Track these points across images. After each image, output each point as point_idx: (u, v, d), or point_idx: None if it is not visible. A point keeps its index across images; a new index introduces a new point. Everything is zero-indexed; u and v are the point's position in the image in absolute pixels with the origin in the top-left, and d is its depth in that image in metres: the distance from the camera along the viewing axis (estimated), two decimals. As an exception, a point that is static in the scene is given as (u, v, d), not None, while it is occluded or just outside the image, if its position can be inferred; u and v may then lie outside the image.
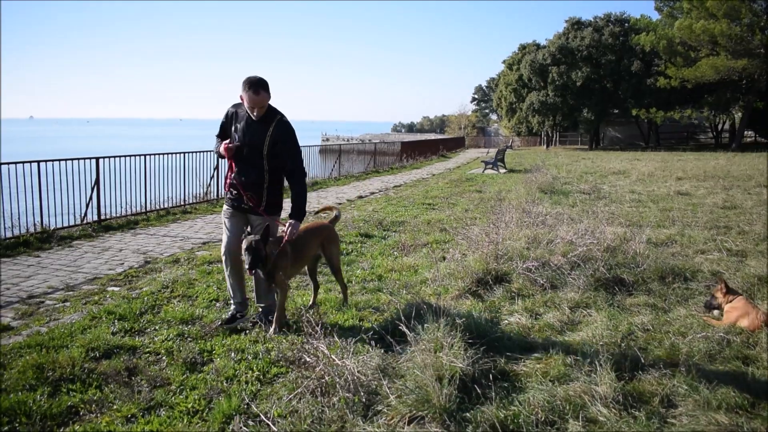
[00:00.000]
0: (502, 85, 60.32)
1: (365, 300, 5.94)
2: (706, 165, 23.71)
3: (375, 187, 18.42)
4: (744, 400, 3.61)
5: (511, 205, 11.22)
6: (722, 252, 7.71)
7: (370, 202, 14.30)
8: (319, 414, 3.54)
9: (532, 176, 17.71)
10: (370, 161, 27.13)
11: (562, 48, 50.76)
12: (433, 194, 15.77)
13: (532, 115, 54.75)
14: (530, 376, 4.01)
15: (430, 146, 39.46)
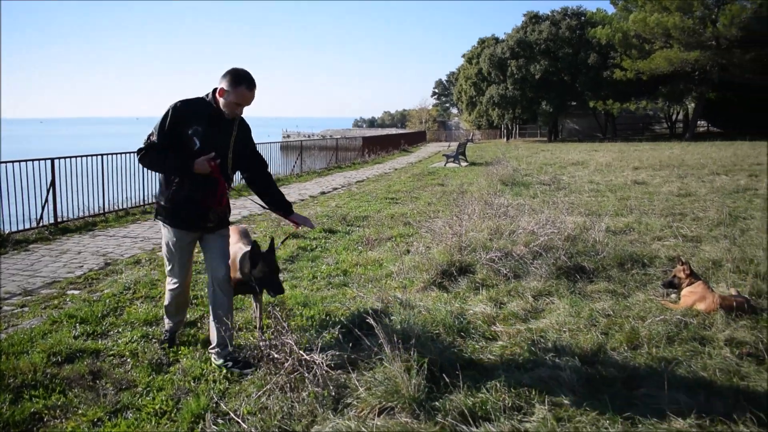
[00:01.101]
0: (462, 79, 60.70)
1: (331, 295, 5.95)
2: (661, 155, 24.25)
3: (337, 182, 18.40)
4: (702, 379, 3.73)
5: (473, 197, 11.33)
6: (678, 238, 7.92)
7: (333, 198, 14.28)
8: (289, 409, 3.54)
9: (493, 169, 17.88)
10: (332, 157, 27.07)
11: (520, 42, 51.32)
12: (396, 188, 15.83)
13: (492, 109, 55.24)
14: (497, 364, 4.07)
15: (392, 141, 39.53)
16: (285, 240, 5.87)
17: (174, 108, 4.05)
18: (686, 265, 5.44)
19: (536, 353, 4.20)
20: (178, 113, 4.03)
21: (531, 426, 3.24)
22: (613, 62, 45.84)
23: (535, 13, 54.23)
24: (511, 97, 52.38)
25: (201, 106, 4.11)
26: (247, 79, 4.05)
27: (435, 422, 3.31)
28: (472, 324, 4.86)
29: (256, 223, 10.48)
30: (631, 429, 3.17)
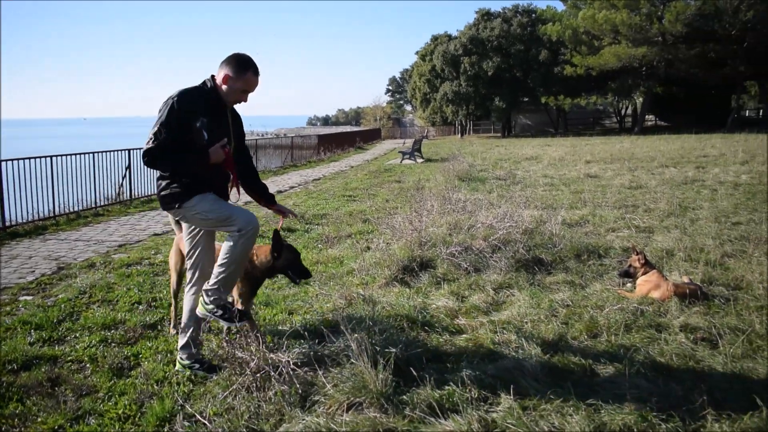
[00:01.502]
0: (416, 76, 60.99)
1: (293, 294, 5.92)
2: (612, 148, 24.81)
3: (294, 181, 18.30)
4: (659, 364, 3.84)
5: (431, 193, 11.40)
6: (631, 229, 8.12)
7: (290, 197, 14.20)
8: (256, 409, 3.52)
9: (449, 165, 18.02)
10: (287, 155, 26.89)
11: (473, 39, 51.81)
12: (353, 186, 15.83)
13: (446, 105, 55.67)
14: (461, 356, 4.12)
15: (347, 139, 39.48)
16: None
17: (178, 100, 3.73)
18: (641, 255, 5.59)
19: (499, 345, 4.26)
20: (183, 105, 3.73)
21: (497, 416, 3.28)
22: (564, 58, 46.70)
23: (487, 11, 54.82)
24: (465, 94, 52.86)
25: (203, 96, 3.86)
26: (253, 65, 3.88)
27: (403, 416, 3.33)
28: (435, 318, 4.90)
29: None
30: (595, 415, 3.24)
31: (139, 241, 9.02)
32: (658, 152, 21.16)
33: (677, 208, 9.59)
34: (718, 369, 3.77)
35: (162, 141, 3.68)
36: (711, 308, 4.97)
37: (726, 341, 4.22)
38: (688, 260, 6.45)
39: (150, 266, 7.31)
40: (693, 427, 3.15)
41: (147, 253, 7.99)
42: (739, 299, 5.19)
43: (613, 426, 3.14)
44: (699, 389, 3.48)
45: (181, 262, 4.69)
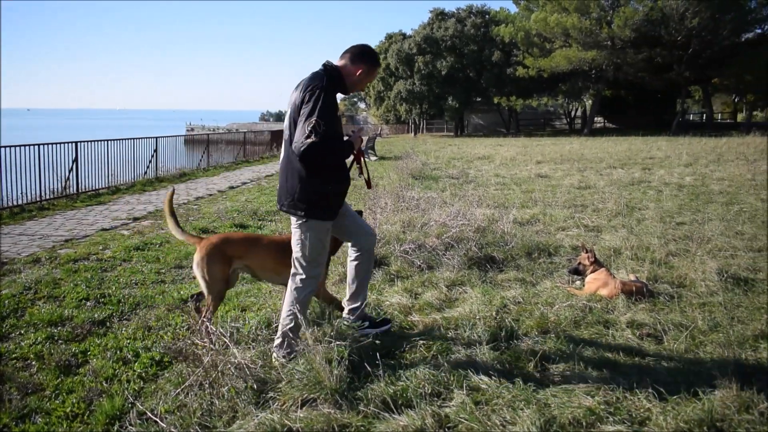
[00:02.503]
0: (370, 73, 60.94)
1: (246, 290, 5.88)
2: (562, 149, 25.28)
3: (246, 177, 18.11)
4: (607, 359, 3.95)
5: (385, 190, 11.43)
6: (580, 228, 8.30)
7: (242, 192, 14.06)
8: (209, 406, 3.48)
9: (402, 163, 18.11)
10: (239, 151, 26.58)
11: (427, 38, 52.08)
12: (307, 183, 15.71)
13: (400, 104, 55.85)
14: (415, 353, 4.15)
15: (301, 135, 39.15)
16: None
17: (326, 88, 3.71)
18: (591, 253, 5.72)
19: (452, 341, 4.31)
20: (331, 92, 3.75)
21: (450, 410, 3.32)
22: (516, 60, 47.39)
23: (442, 10, 55.18)
24: (419, 93, 53.11)
25: (334, 83, 3.84)
26: (377, 58, 4.03)
27: (358, 411, 3.34)
28: (389, 315, 4.92)
29: (164, 219, 10.16)
30: (545, 409, 3.31)
31: (86, 236, 8.80)
32: (606, 153, 21.66)
33: (624, 208, 9.84)
34: (663, 363, 3.88)
35: (323, 133, 3.57)
36: (656, 305, 5.12)
37: (670, 337, 4.36)
38: (635, 259, 6.63)
39: (98, 262, 7.15)
40: (639, 420, 3.25)
41: (95, 249, 7.81)
42: (683, 296, 5.37)
43: (563, 419, 3.21)
44: (644, 383, 3.60)
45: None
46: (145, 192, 14.27)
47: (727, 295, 5.38)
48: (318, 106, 3.60)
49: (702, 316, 4.82)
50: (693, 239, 7.41)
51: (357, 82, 3.94)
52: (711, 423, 3.15)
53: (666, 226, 8.44)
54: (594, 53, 40.57)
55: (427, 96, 53.46)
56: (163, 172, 17.67)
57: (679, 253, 6.88)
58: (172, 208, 4.58)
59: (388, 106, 58.27)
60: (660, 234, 7.72)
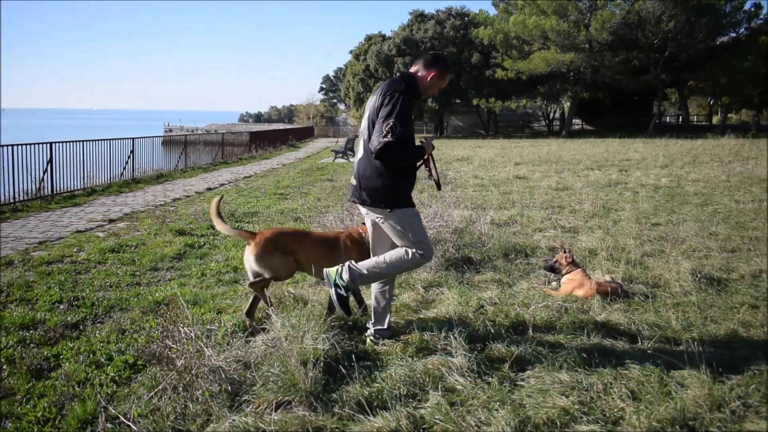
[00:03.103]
0: (350, 75, 60.88)
1: (222, 292, 5.84)
2: (540, 151, 25.44)
3: (224, 178, 18.01)
4: (582, 359, 3.97)
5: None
6: (557, 229, 8.36)
7: (220, 194, 13.94)
8: (183, 409, 3.45)
9: (381, 164, 18.05)
10: (217, 152, 26.44)
11: (406, 39, 52.14)
12: (285, 184, 15.69)
13: (380, 105, 55.74)
14: (391, 354, 4.14)
15: (280, 136, 39.10)
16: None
17: (405, 92, 3.98)
18: (569, 253, 5.75)
19: (428, 342, 4.31)
20: (409, 97, 4.01)
21: (426, 412, 3.32)
22: (495, 62, 47.58)
23: (421, 12, 55.25)
24: (398, 94, 53.07)
25: (409, 88, 4.08)
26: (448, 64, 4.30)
27: (332, 414, 3.33)
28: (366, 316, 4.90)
29: (139, 221, 10.07)
30: (520, 410, 3.32)
31: (60, 238, 8.68)
32: (584, 155, 21.83)
33: (601, 209, 9.92)
34: (637, 363, 3.91)
35: (399, 134, 3.82)
36: (631, 305, 5.16)
37: (644, 337, 4.40)
38: (611, 259, 6.69)
39: (72, 264, 7.05)
40: (613, 419, 3.27)
41: (69, 251, 7.70)
42: (657, 296, 5.42)
43: (537, 420, 3.22)
44: (618, 383, 3.63)
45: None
46: (122, 193, 14.12)
47: (701, 295, 5.45)
48: (396, 109, 3.86)
49: (676, 316, 4.87)
50: (668, 240, 7.50)
51: (429, 86, 4.19)
52: (683, 422, 3.18)
53: (641, 227, 8.52)
54: (572, 56, 40.86)
55: (407, 97, 53.46)
56: (140, 173, 17.50)
57: (654, 253, 6.96)
58: (219, 211, 4.89)
59: (368, 107, 58.18)
60: (635, 235, 7.79)
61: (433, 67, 4.15)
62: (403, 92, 3.95)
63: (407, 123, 3.92)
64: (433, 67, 4.16)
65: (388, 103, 3.89)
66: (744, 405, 3.37)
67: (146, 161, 18.66)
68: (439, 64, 4.18)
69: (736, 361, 3.97)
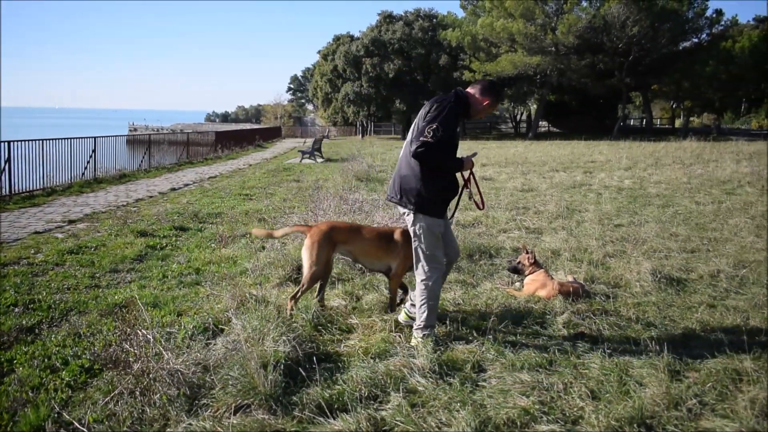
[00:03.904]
0: (318, 75, 60.73)
1: (183, 294, 5.75)
2: (507, 152, 25.63)
3: (189, 178, 17.78)
4: (543, 359, 3.99)
5: (329, 193, 11.37)
6: (522, 230, 8.41)
7: (184, 194, 13.78)
8: (140, 414, 3.37)
9: (348, 165, 18.05)
10: (182, 152, 26.11)
11: (375, 40, 52.16)
12: (251, 185, 15.56)
13: (348, 106, 55.77)
14: (353, 356, 4.12)
15: (246, 136, 38.78)
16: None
17: (455, 103, 4.23)
18: (531, 254, 5.78)
19: (391, 343, 4.29)
20: (457, 109, 4.23)
21: (387, 413, 3.30)
22: (463, 64, 47.86)
23: (390, 13, 55.34)
24: (366, 95, 53.14)
25: (461, 104, 4.31)
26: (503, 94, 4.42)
27: (292, 417, 3.30)
28: (328, 318, 4.87)
29: (100, 222, 9.88)
30: (480, 410, 3.32)
31: (17, 240, 8.47)
32: (549, 157, 22.05)
33: (565, 210, 10.03)
34: (597, 362, 3.94)
35: (440, 137, 4.03)
36: (592, 305, 5.21)
37: (605, 337, 4.44)
38: (573, 260, 6.75)
39: (29, 266, 6.87)
40: (572, 419, 3.29)
41: (26, 252, 7.52)
42: (618, 296, 5.49)
43: (498, 420, 3.22)
44: (579, 382, 3.65)
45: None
46: (83, 194, 13.84)
47: (660, 295, 5.53)
48: (441, 115, 4.10)
49: (636, 315, 4.93)
50: (629, 241, 7.61)
51: (480, 110, 4.40)
52: (641, 420, 3.22)
53: (604, 228, 8.62)
54: (539, 58, 41.28)
55: (375, 98, 53.55)
56: (102, 173, 17.18)
57: (616, 254, 7.04)
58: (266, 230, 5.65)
59: (336, 107, 58.12)
60: (598, 236, 7.89)
61: (488, 95, 4.37)
62: (451, 104, 4.20)
63: (450, 130, 4.12)
64: (489, 94, 4.37)
65: (435, 110, 4.15)
66: (700, 403, 3.43)
67: (109, 161, 18.34)
68: (495, 93, 4.40)
69: (694, 360, 4.03)
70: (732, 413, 3.29)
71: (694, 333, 4.58)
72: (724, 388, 3.59)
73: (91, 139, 17.44)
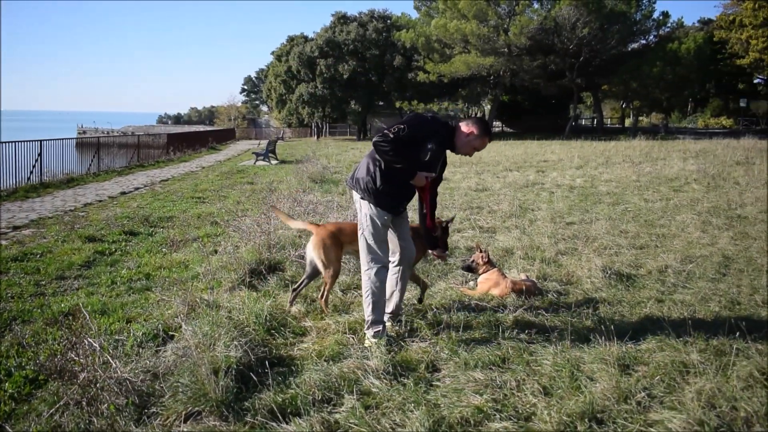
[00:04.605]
0: (272, 76, 60.24)
1: (132, 301, 5.62)
2: (461, 152, 25.74)
3: (140, 182, 17.43)
4: (497, 358, 4.01)
5: (282, 195, 11.27)
6: (476, 229, 8.46)
7: (134, 198, 13.51)
8: (87, 425, 3.28)
9: (303, 167, 17.96)
10: (133, 155, 25.59)
11: (329, 41, 51.96)
12: (203, 187, 15.33)
13: (302, 107, 55.43)
14: (306, 359, 4.08)
15: (199, 138, 38.27)
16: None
17: (430, 120, 4.40)
18: (485, 253, 5.82)
19: (345, 345, 4.26)
20: (432, 126, 4.36)
21: (341, 416, 3.28)
22: (417, 65, 48.05)
23: (344, 14, 55.22)
24: (321, 96, 52.92)
25: (444, 129, 4.42)
26: (491, 132, 4.59)
27: (244, 422, 3.25)
28: (282, 321, 4.81)
29: (47, 227, 9.60)
30: (434, 410, 3.32)
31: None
32: (503, 157, 22.30)
33: (518, 209, 10.14)
34: (549, 359, 3.98)
35: (399, 136, 4.16)
36: (545, 302, 5.27)
37: (557, 333, 4.48)
38: (526, 258, 6.83)
39: (-30, 274, 6.64)
40: (525, 415, 3.31)
41: (-33, 260, 7.26)
42: (570, 293, 5.57)
43: (452, 419, 3.23)
44: (531, 379, 3.68)
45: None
46: (28, 198, 13.45)
47: (611, 290, 5.62)
48: (413, 123, 4.28)
49: (587, 312, 4.99)
50: (581, 238, 7.72)
51: (465, 142, 4.43)
52: (592, 414, 3.26)
53: (556, 226, 8.75)
54: (492, 59, 41.72)
55: (330, 99, 53.36)
56: (49, 177, 16.72)
57: (567, 251, 7.15)
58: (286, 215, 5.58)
59: (291, 109, 57.70)
60: (551, 234, 7.99)
61: (475, 126, 4.41)
62: (430, 118, 4.43)
63: (415, 140, 4.25)
64: (476, 126, 4.42)
65: (411, 117, 4.38)
66: (649, 396, 3.48)
67: (56, 164, 17.87)
68: (481, 126, 4.43)
69: (642, 354, 4.10)
70: (679, 405, 3.35)
71: (643, 327, 4.67)
72: (671, 381, 3.66)
73: (36, 142, 16.97)
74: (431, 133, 4.33)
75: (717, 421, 3.16)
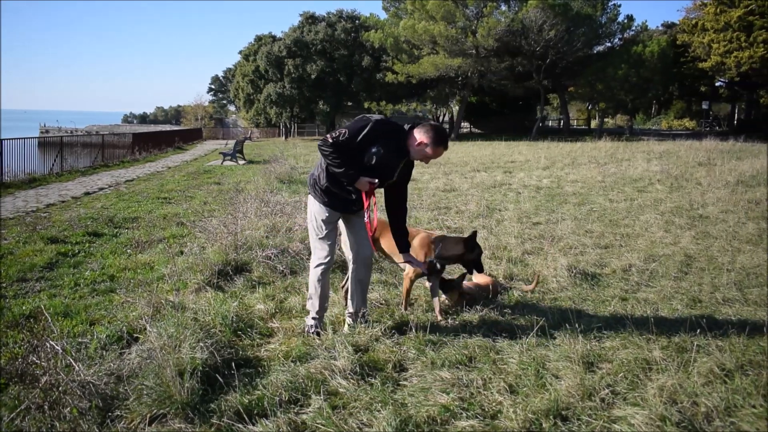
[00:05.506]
0: (239, 76, 59.75)
1: (96, 303, 5.54)
2: (429, 153, 25.84)
3: (104, 182, 17.16)
4: (463, 357, 4.04)
5: (250, 195, 11.19)
6: (443, 230, 8.50)
7: (99, 199, 13.29)
8: (49, 430, 3.22)
9: (270, 167, 17.86)
10: (98, 154, 25.18)
11: (297, 41, 51.76)
12: (169, 188, 15.16)
13: (270, 107, 55.11)
14: (273, 360, 4.06)
15: (166, 138, 37.82)
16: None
17: (376, 122, 4.29)
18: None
19: (312, 346, 4.25)
20: (376, 129, 4.27)
21: (307, 417, 3.27)
22: (386, 65, 48.06)
23: (312, 14, 55.06)
24: (289, 96, 52.67)
25: (394, 133, 4.36)
26: (447, 143, 4.46)
27: (210, 425, 3.22)
28: (248, 322, 4.78)
29: (7, 228, 9.39)
30: (401, 409, 3.33)
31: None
32: (471, 157, 22.45)
33: (485, 209, 10.21)
34: (515, 357, 4.02)
35: (340, 141, 4.23)
36: (510, 302, 5.32)
37: (523, 332, 4.53)
38: (493, 258, 6.88)
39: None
40: (491, 414, 3.34)
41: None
42: (536, 292, 5.62)
43: (419, 418, 3.24)
44: (497, 378, 3.72)
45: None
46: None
47: (576, 289, 5.70)
48: (356, 126, 4.29)
49: (552, 310, 5.06)
50: (547, 238, 7.81)
51: (417, 150, 4.39)
52: (557, 412, 3.30)
53: (523, 226, 8.83)
54: (460, 61, 41.93)
55: (298, 99, 53.13)
56: (9, 177, 16.36)
57: (534, 251, 7.22)
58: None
59: (258, 109, 57.30)
60: (517, 234, 8.07)
61: (426, 136, 4.33)
62: (374, 122, 4.29)
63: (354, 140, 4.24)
64: (427, 136, 4.33)
65: (356, 121, 4.36)
66: (613, 392, 3.54)
67: (17, 164, 17.50)
68: (434, 137, 4.34)
69: (606, 352, 4.16)
70: (642, 401, 3.41)
71: (607, 325, 4.74)
72: (634, 378, 3.73)
73: (-5, 141, 16.61)
74: (376, 137, 4.27)
75: (678, 416, 3.22)
